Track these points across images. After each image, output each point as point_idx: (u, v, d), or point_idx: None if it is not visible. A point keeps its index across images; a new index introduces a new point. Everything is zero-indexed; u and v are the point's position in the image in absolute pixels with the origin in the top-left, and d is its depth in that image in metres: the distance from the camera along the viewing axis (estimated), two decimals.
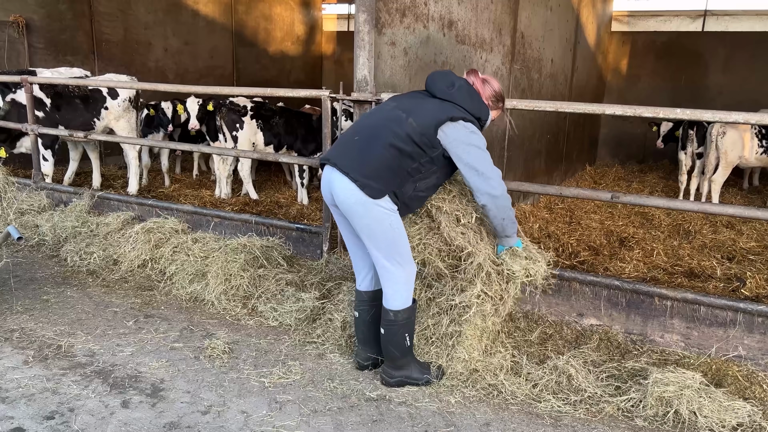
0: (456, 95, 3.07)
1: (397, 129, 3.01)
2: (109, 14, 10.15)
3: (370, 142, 3.02)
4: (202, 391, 3.14)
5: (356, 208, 2.98)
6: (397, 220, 3.04)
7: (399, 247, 3.04)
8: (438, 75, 3.19)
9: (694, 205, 3.58)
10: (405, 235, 3.09)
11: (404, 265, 3.07)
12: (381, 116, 3.14)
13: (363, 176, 2.95)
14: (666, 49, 12.40)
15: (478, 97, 3.14)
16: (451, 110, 3.03)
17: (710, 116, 3.24)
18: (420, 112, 3.04)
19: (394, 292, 3.07)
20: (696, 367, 3.40)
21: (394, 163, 2.99)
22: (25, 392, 3.06)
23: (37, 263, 4.94)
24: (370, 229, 3.00)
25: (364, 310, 3.29)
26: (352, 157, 3.02)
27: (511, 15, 6.75)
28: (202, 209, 5.15)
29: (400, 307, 3.07)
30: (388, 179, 2.98)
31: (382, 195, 2.97)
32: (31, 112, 5.74)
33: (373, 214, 2.97)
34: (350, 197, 2.97)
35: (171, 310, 4.15)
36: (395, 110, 3.11)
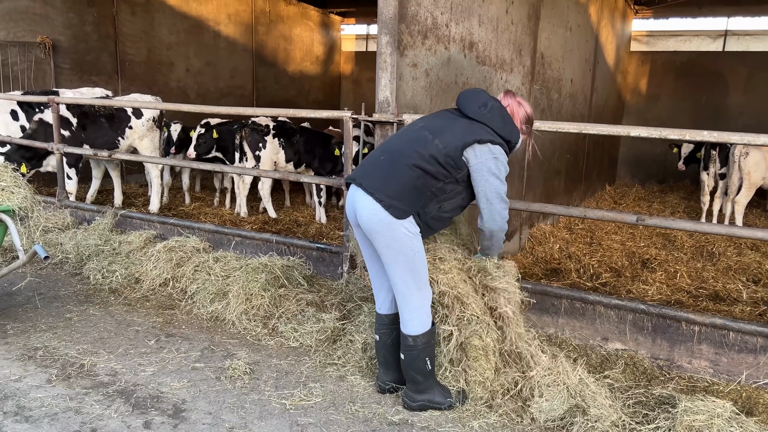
0: (488, 116, 3.06)
1: (421, 150, 3.01)
2: (133, 35, 10.35)
3: (394, 163, 3.02)
4: (224, 412, 3.13)
5: (379, 228, 2.96)
6: (419, 243, 3.02)
7: (418, 271, 3.02)
8: (470, 93, 3.18)
9: (721, 228, 3.50)
10: (425, 260, 3.07)
11: (422, 289, 3.05)
12: (407, 137, 3.14)
13: (388, 197, 2.95)
14: (686, 69, 12.35)
15: (511, 120, 3.13)
16: (480, 132, 3.03)
17: (737, 139, 3.20)
18: (447, 133, 3.04)
19: (412, 317, 3.04)
20: (726, 395, 3.33)
21: (419, 182, 2.98)
22: (48, 411, 3.07)
23: (60, 281, 4.99)
24: (392, 251, 2.98)
25: (385, 333, 3.26)
26: (377, 177, 3.02)
27: (531, 36, 6.76)
28: (223, 228, 5.17)
29: (419, 332, 3.04)
30: (412, 199, 2.97)
31: (407, 215, 2.96)
32: (57, 132, 5.84)
33: (396, 236, 2.96)
34: (373, 217, 2.96)
35: (192, 329, 4.15)
36: (422, 131, 3.12)
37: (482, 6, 5.40)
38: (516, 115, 3.18)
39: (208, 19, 11.73)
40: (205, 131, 7.64)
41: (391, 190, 2.96)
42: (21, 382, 3.35)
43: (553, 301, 3.85)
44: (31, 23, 8.86)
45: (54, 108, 5.79)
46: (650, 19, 12.47)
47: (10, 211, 3.59)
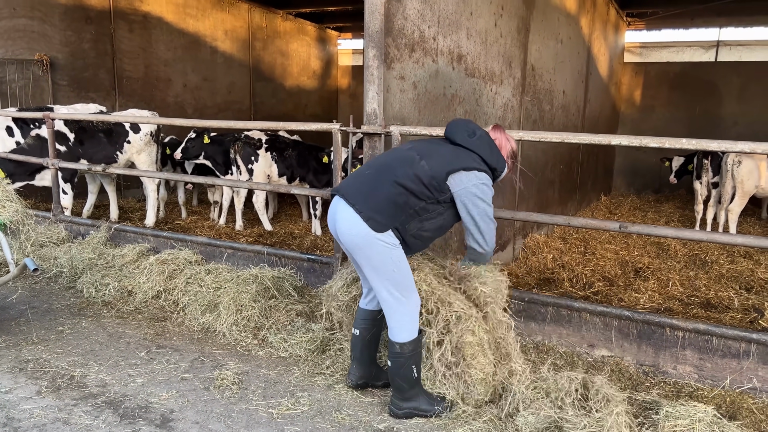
0: (476, 143, 3.17)
1: (407, 169, 3.09)
2: (131, 52, 10.47)
3: (378, 178, 3.09)
4: (211, 422, 3.16)
5: (358, 241, 3.02)
6: (399, 253, 3.06)
7: (402, 281, 3.07)
8: (459, 122, 3.29)
9: (703, 235, 3.55)
10: (408, 268, 3.11)
11: (408, 297, 3.09)
12: (395, 155, 3.23)
13: (368, 209, 3.00)
14: (679, 80, 12.45)
15: (498, 150, 3.23)
16: (467, 160, 3.12)
17: (716, 146, 3.25)
18: (435, 157, 3.13)
19: (400, 325, 3.08)
20: (710, 400, 3.35)
21: (400, 199, 3.04)
22: (37, 422, 3.10)
23: (54, 294, 5.03)
24: (372, 263, 3.03)
25: (365, 328, 3.34)
26: (360, 190, 3.08)
27: (521, 48, 6.84)
28: (216, 241, 5.22)
29: (406, 340, 3.08)
30: (391, 215, 3.03)
31: (385, 229, 3.02)
32: (52, 147, 5.91)
33: (376, 249, 3.01)
34: (352, 229, 3.02)
35: (183, 340, 4.18)
36: (410, 151, 3.21)
37: (470, 19, 5.48)
38: (503, 148, 3.29)
39: (205, 35, 11.87)
40: (197, 136, 7.70)
41: (372, 204, 3.02)
42: (11, 394, 3.38)
43: (540, 309, 3.88)
44: (29, 41, 8.97)
45: (49, 123, 5.86)
46: (643, 31, 12.59)
47: (2, 225, 3.64)
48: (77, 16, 9.53)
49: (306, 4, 13.21)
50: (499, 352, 3.31)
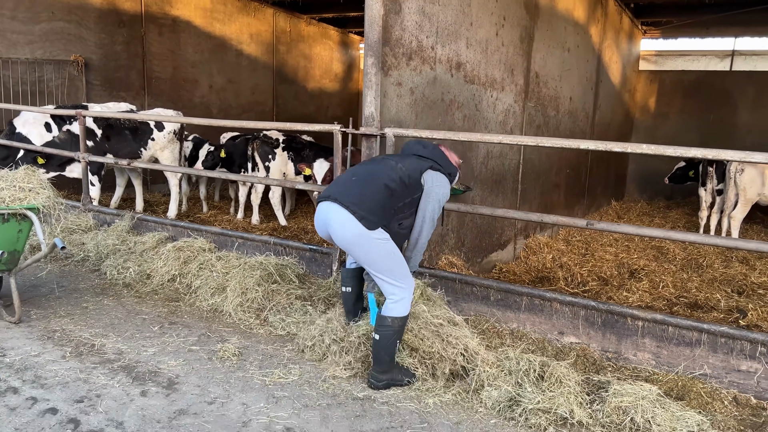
0: (431, 153, 3.72)
1: (391, 173, 3.54)
2: (160, 54, 11.03)
3: (368, 183, 3.51)
4: (211, 385, 3.58)
5: (353, 240, 3.42)
6: (392, 245, 3.48)
7: (398, 269, 3.48)
8: (411, 142, 3.88)
9: (660, 233, 3.85)
10: (401, 256, 3.53)
11: (405, 282, 3.50)
12: (375, 163, 3.72)
13: (362, 209, 3.40)
14: (694, 88, 12.58)
15: (448, 158, 3.77)
16: (431, 162, 3.67)
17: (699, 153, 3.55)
18: (407, 160, 3.66)
19: (396, 305, 3.47)
20: (663, 384, 3.66)
21: (387, 202, 3.48)
22: (60, 380, 3.56)
23: (81, 276, 5.52)
24: (369, 257, 3.45)
25: (355, 285, 3.89)
26: (353, 193, 3.47)
27: (524, 56, 7.16)
28: (228, 231, 5.66)
29: (399, 315, 3.46)
30: (381, 215, 3.45)
31: (377, 227, 3.43)
32: (82, 142, 6.43)
33: (371, 245, 3.42)
34: (348, 230, 3.41)
35: (193, 318, 4.62)
36: (387, 159, 3.73)
37: (470, 30, 5.83)
38: (452, 158, 3.81)
39: (231, 38, 12.39)
40: (215, 149, 8.27)
41: (366, 205, 3.42)
42: (39, 357, 3.85)
43: (516, 299, 4.22)
44: (66, 43, 9.57)
45: (81, 120, 6.38)
46: (659, 39, 12.75)
47: (35, 209, 4.12)
48: (111, 20, 10.12)
49: (329, 10, 13.66)
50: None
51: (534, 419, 3.21)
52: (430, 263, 5.58)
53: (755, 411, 3.45)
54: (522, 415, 3.25)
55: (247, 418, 3.23)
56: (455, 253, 6.07)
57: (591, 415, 3.28)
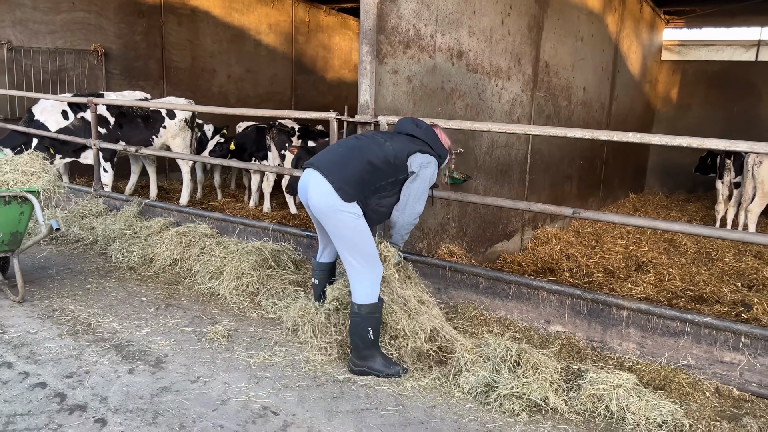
0: (422, 134, 3.72)
1: (377, 150, 3.56)
2: (179, 44, 11.20)
3: (351, 155, 3.55)
4: (196, 365, 3.68)
5: (326, 210, 3.47)
6: (363, 223, 3.49)
7: (364, 248, 3.49)
8: (406, 119, 3.87)
9: (644, 222, 3.82)
10: (371, 238, 3.54)
11: (370, 264, 3.51)
12: (364, 138, 3.73)
13: (340, 180, 3.45)
14: (718, 79, 12.31)
15: (440, 140, 3.77)
16: (420, 144, 3.68)
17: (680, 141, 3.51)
18: (396, 140, 3.67)
19: (359, 288, 3.50)
20: (646, 374, 3.64)
21: (367, 176, 3.50)
22: (54, 357, 3.69)
23: (87, 259, 5.68)
24: (338, 230, 3.48)
25: (323, 278, 4.01)
26: (334, 163, 3.53)
27: (533, 46, 7.10)
28: (229, 217, 5.77)
29: (364, 302, 3.49)
30: (358, 189, 3.48)
31: (352, 200, 3.46)
32: (94, 129, 6.59)
33: (340, 217, 3.44)
34: (322, 198, 3.47)
35: (189, 301, 4.74)
36: (376, 136, 3.72)
37: (473, 18, 5.81)
38: (444, 141, 3.81)
39: (249, 28, 12.51)
40: (224, 141, 8.39)
41: (345, 177, 3.46)
42: (37, 335, 4.00)
43: (504, 287, 4.23)
44: (86, 33, 9.79)
45: (92, 108, 6.54)
46: (683, 29, 12.49)
47: (36, 192, 4.26)
48: (130, 10, 10.31)
49: (348, 0, 13.69)
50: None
51: (508, 404, 3.23)
52: (429, 252, 5.61)
53: (737, 402, 3.41)
54: (497, 401, 3.27)
55: (227, 397, 3.32)
56: (456, 242, 6.08)
57: (566, 402, 3.28)
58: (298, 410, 3.21)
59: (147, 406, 3.19)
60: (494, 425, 3.14)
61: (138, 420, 3.05)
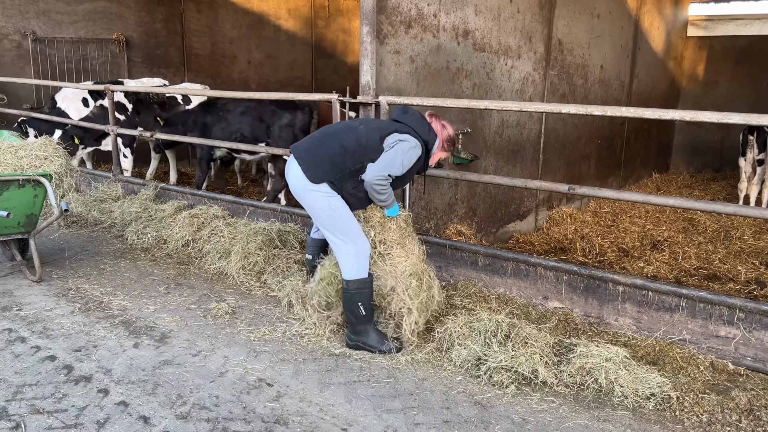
0: (409, 118, 3.69)
1: (349, 133, 3.63)
2: (199, 31, 11.35)
3: (323, 139, 3.66)
4: (199, 340, 3.81)
5: (299, 192, 3.62)
6: (337, 201, 3.56)
7: (343, 226, 3.57)
8: (398, 109, 3.84)
9: (639, 196, 3.80)
10: (349, 215, 3.60)
11: (352, 241, 3.58)
12: (340, 124, 3.83)
13: (309, 163, 3.56)
14: (746, 54, 11.95)
15: (428, 125, 3.70)
16: (400, 127, 3.63)
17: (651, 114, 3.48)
18: (372, 124, 3.71)
19: (344, 264, 3.59)
20: (641, 348, 3.64)
21: (337, 159, 3.55)
22: (65, 332, 3.87)
23: (105, 241, 5.88)
24: (313, 210, 3.60)
25: (315, 253, 4.09)
26: (306, 148, 3.66)
27: (544, 23, 7.02)
28: (240, 199, 5.89)
29: (351, 278, 3.57)
30: (328, 170, 3.55)
31: (320, 181, 3.55)
32: (112, 116, 6.77)
33: (314, 197, 3.56)
34: (296, 181, 3.60)
35: (198, 280, 4.88)
36: (354, 122, 3.81)
37: None
38: (440, 135, 3.74)
39: (269, 14, 12.60)
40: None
41: (314, 160, 3.58)
42: (51, 312, 4.18)
43: (502, 263, 4.25)
44: (108, 22, 10.01)
45: (109, 95, 6.72)
46: (709, 3, 12.12)
47: (48, 175, 4.43)
48: None
49: None
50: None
51: (497, 377, 3.28)
52: (437, 232, 5.65)
53: (731, 377, 3.40)
54: (486, 373, 3.32)
55: (225, 370, 3.44)
56: (465, 222, 6.11)
57: (556, 375, 3.32)
58: (292, 382, 3.32)
59: (148, 377, 3.33)
60: (482, 397, 3.20)
61: (138, 390, 3.19)
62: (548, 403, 3.14)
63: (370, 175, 3.51)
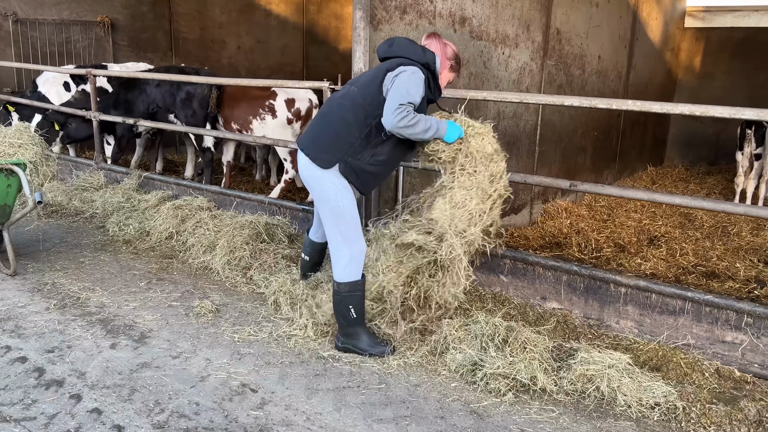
0: (395, 50, 3.36)
1: (343, 102, 3.35)
2: (187, 14, 11.05)
3: (321, 119, 3.41)
4: (180, 340, 3.61)
5: (310, 182, 3.36)
6: (346, 198, 3.33)
7: (345, 224, 3.35)
8: (382, 42, 3.48)
9: (643, 194, 3.65)
10: (354, 214, 3.37)
11: (350, 242, 3.37)
12: (333, 97, 3.49)
13: (314, 150, 3.33)
14: (743, 46, 11.80)
15: (419, 45, 3.37)
16: (390, 63, 3.28)
17: (659, 108, 3.30)
18: (362, 78, 3.40)
19: (339, 264, 3.38)
20: (644, 353, 3.49)
21: (342, 132, 3.27)
22: (38, 331, 3.66)
23: (86, 232, 5.66)
24: (321, 203, 3.37)
25: (312, 255, 3.92)
26: (309, 136, 3.42)
27: (543, 11, 6.81)
28: (226, 190, 5.68)
29: (342, 280, 3.36)
30: (337, 148, 3.28)
31: (331, 165, 3.28)
32: (94, 101, 6.51)
33: (323, 188, 3.32)
34: (305, 171, 3.38)
35: (182, 275, 4.68)
36: (346, 86, 3.49)
37: None
38: (441, 52, 3.42)
39: None
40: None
41: (318, 143, 3.34)
42: (25, 309, 3.97)
43: (499, 262, 4.08)
44: (92, 4, 9.69)
45: (91, 80, 6.46)
46: None
47: (22, 164, 4.20)
48: None
49: None
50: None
51: (494, 384, 3.11)
52: None
53: (737, 384, 3.25)
54: (483, 380, 3.16)
55: (207, 373, 3.25)
56: None
57: (556, 382, 3.15)
58: (278, 387, 3.14)
59: (125, 382, 3.14)
60: (478, 405, 3.03)
61: (113, 396, 3.00)
62: (548, 413, 2.98)
63: (389, 120, 3.12)
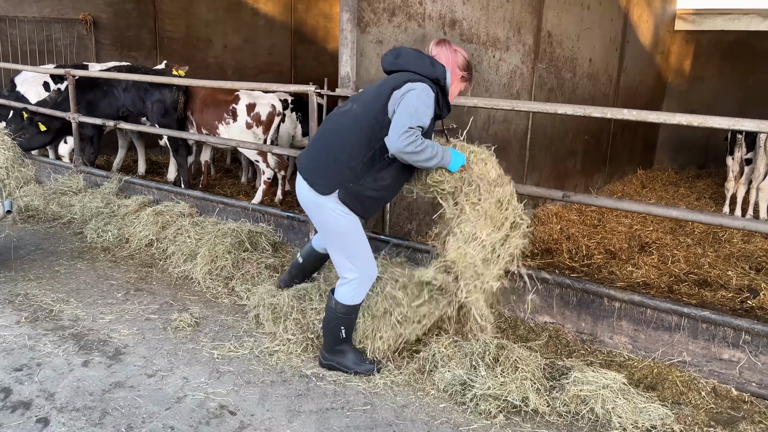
0: (401, 62, 3.12)
1: (343, 120, 3.14)
2: (172, 12, 10.83)
3: (320, 140, 3.19)
4: (157, 357, 3.45)
5: (309, 207, 3.20)
6: (348, 223, 3.12)
7: (350, 250, 3.18)
8: (388, 52, 3.23)
9: (639, 206, 3.53)
10: (359, 237, 3.18)
11: (359, 266, 3.19)
12: (332, 116, 3.25)
13: (312, 174, 3.13)
14: (733, 49, 11.77)
15: (429, 57, 3.13)
16: (396, 80, 3.05)
17: (655, 117, 3.19)
18: (364, 95, 3.18)
19: (344, 288, 3.20)
20: (638, 370, 3.38)
21: (342, 157, 3.05)
22: (7, 347, 3.48)
23: (63, 238, 5.47)
24: (322, 228, 3.21)
25: (310, 262, 3.78)
26: (307, 159, 3.20)
27: (534, 14, 6.70)
28: (208, 195, 5.51)
29: (342, 301, 3.19)
30: (336, 173, 3.05)
31: (330, 191, 3.06)
32: (73, 101, 6.31)
33: (323, 216, 3.14)
34: (302, 197, 3.19)
35: (161, 285, 4.51)
36: (346, 104, 3.26)
37: None
38: (450, 61, 3.18)
39: None
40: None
41: (315, 168, 3.13)
42: None
43: None
44: (75, 1, 9.44)
45: (70, 80, 6.26)
46: None
47: None
48: None
49: None
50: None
51: (484, 405, 2.98)
52: (419, 234, 5.34)
53: (735, 403, 3.15)
54: (472, 401, 3.02)
55: (183, 394, 3.09)
56: None
57: (548, 403, 3.03)
58: (258, 410, 2.99)
59: (96, 403, 2.97)
60: (468, 428, 2.90)
61: (83, 420, 2.84)
62: None
63: (395, 144, 2.91)
